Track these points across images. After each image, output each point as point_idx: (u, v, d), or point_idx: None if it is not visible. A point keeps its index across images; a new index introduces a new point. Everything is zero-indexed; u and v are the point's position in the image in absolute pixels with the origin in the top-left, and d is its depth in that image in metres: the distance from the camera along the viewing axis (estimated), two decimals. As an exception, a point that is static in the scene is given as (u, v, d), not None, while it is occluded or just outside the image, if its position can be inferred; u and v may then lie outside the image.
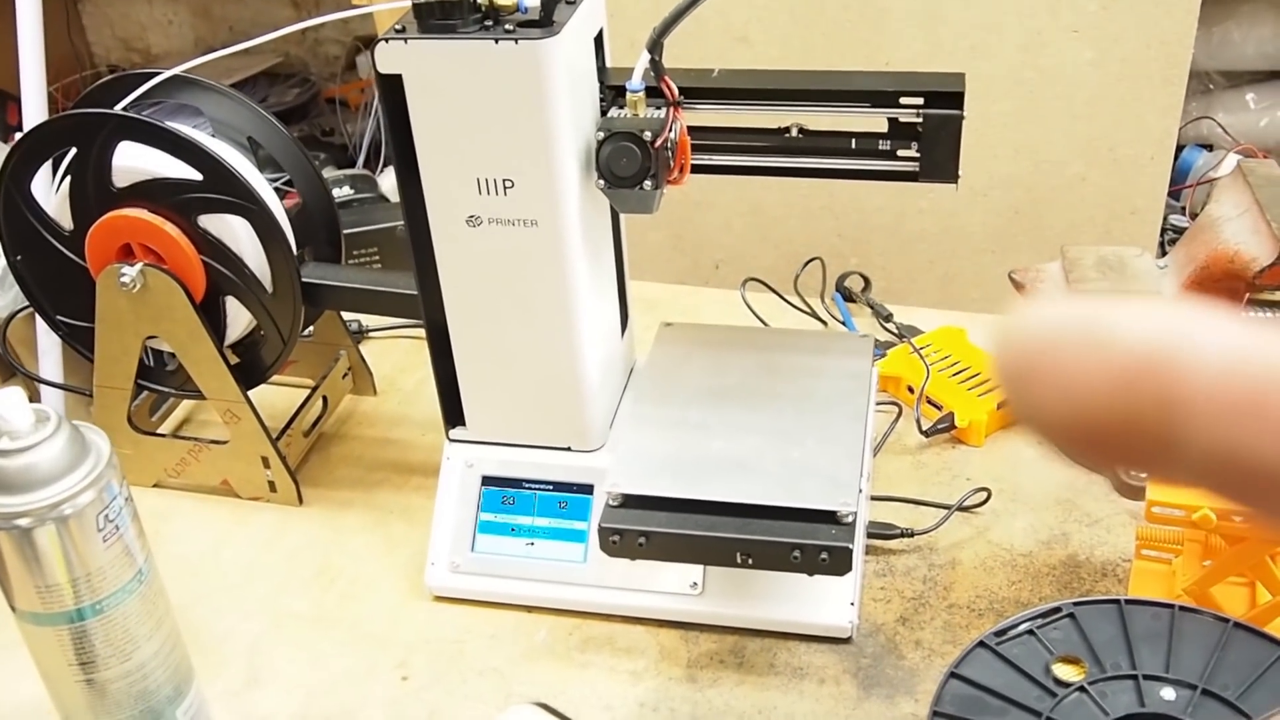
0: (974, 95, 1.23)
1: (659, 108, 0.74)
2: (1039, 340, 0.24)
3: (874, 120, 0.76)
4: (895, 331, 1.07)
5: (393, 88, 0.72)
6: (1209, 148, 1.87)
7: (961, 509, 0.87)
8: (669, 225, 1.51)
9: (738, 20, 1.38)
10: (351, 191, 1.56)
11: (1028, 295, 0.90)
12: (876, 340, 1.04)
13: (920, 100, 0.75)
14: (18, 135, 1.62)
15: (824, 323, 1.10)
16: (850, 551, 0.70)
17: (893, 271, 1.44)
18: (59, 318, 0.92)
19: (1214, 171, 1.76)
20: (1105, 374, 0.23)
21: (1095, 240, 0.92)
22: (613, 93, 0.77)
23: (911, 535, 0.84)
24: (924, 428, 0.94)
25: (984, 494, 0.87)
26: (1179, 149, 1.77)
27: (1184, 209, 1.78)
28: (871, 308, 1.11)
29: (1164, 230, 1.54)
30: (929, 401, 0.96)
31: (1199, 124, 1.86)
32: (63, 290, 0.90)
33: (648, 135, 0.72)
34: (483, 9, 0.70)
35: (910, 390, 0.97)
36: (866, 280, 1.13)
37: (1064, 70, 1.28)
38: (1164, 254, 0.90)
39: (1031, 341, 0.24)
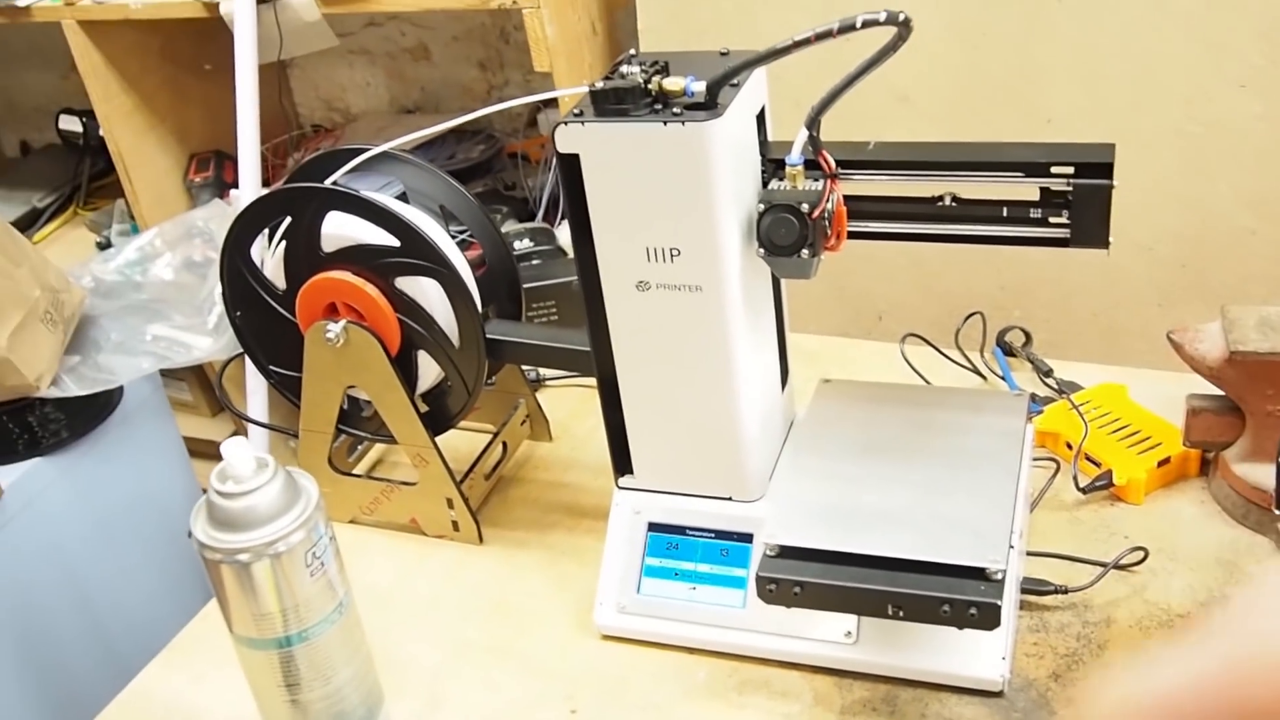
0: (1137, 148, 1.24)
1: (817, 179, 0.78)
2: None
3: (1026, 189, 0.79)
4: (1055, 387, 1.08)
5: (571, 165, 0.78)
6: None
7: (1118, 567, 0.88)
8: (832, 278, 1.55)
9: (899, 81, 1.41)
10: (531, 244, 1.63)
11: (1187, 355, 0.90)
12: (1035, 396, 1.06)
13: (1070, 170, 0.77)
14: (233, 192, 1.77)
15: (983, 377, 1.12)
16: (998, 608, 0.73)
17: (1055, 324, 1.45)
18: (271, 367, 1.01)
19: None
20: None
21: (1265, 296, 0.92)
22: (774, 165, 0.82)
23: (1066, 592, 0.86)
24: (1081, 484, 0.95)
25: (1141, 553, 0.88)
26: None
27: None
28: (1032, 362, 1.12)
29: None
30: (1087, 458, 0.97)
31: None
32: (275, 343, 0.99)
33: (805, 207, 0.77)
34: (653, 94, 0.75)
35: (1069, 446, 0.99)
36: (1028, 335, 1.15)
37: (1230, 123, 1.27)
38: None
39: None
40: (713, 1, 1.47)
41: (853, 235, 0.82)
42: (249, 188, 1.62)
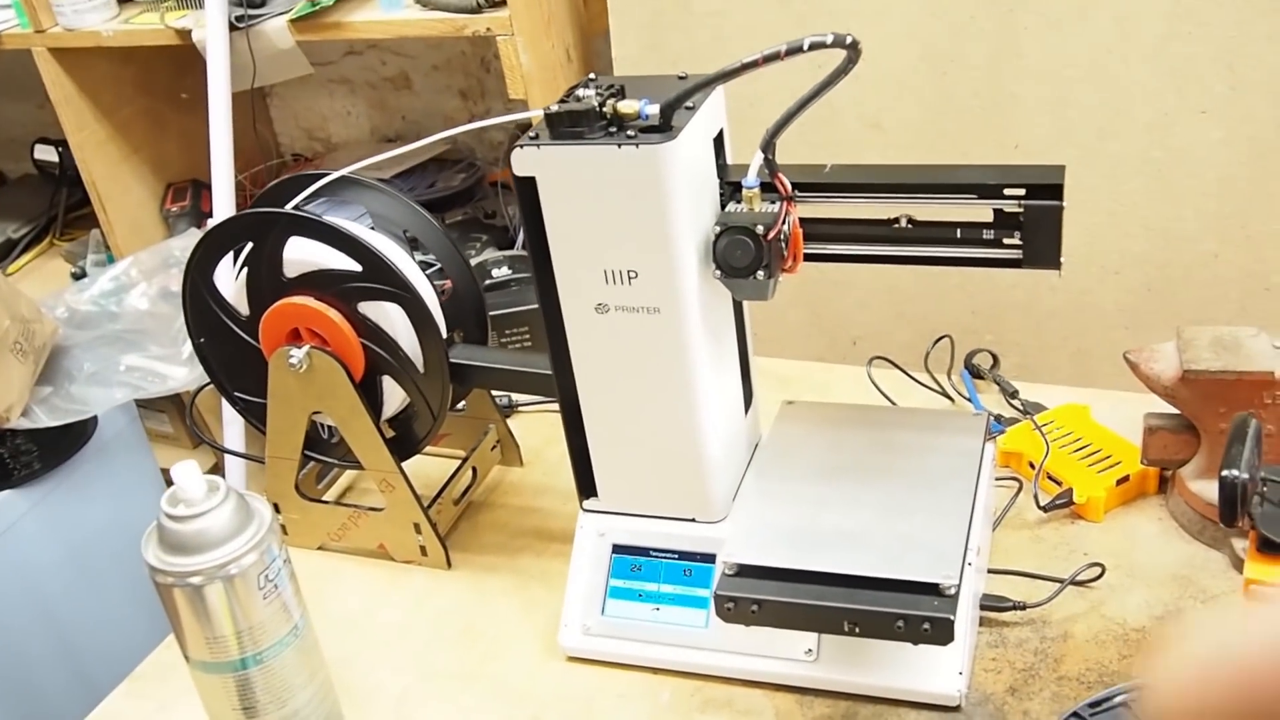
0: (1103, 175, 1.25)
1: (774, 202, 0.79)
2: None
3: (980, 211, 0.80)
4: (1019, 408, 1.09)
5: (528, 188, 0.79)
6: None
7: (1075, 583, 0.88)
8: (807, 304, 1.56)
9: (870, 109, 1.43)
10: (510, 272, 1.64)
11: (1143, 375, 0.91)
12: (1000, 417, 1.07)
13: (1022, 191, 0.78)
14: (210, 222, 1.77)
15: (951, 399, 1.13)
16: (951, 623, 0.73)
17: (1026, 348, 1.46)
18: (236, 394, 1.01)
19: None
20: None
21: (1228, 318, 0.93)
22: (732, 188, 0.83)
23: (1024, 608, 0.86)
24: (1042, 503, 0.96)
25: (1099, 568, 0.89)
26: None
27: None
28: (998, 384, 1.13)
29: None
30: (1049, 477, 0.98)
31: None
32: (240, 369, 0.99)
33: (760, 229, 0.77)
34: (608, 116, 0.76)
35: (1031, 466, 0.99)
36: (995, 357, 1.16)
37: (1193, 149, 1.29)
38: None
39: None
40: (687, 30, 1.49)
41: (810, 257, 0.82)
42: (223, 214, 1.63)
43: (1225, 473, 0.69)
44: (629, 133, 0.76)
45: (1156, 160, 1.31)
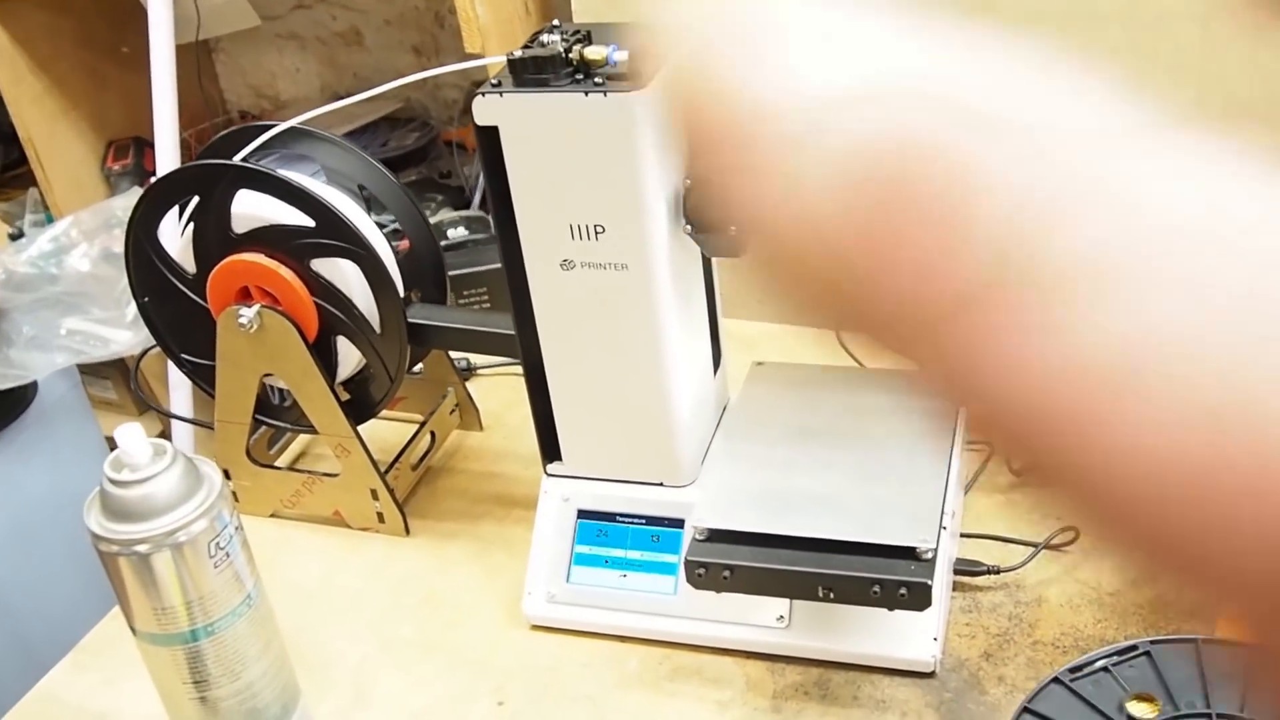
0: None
1: (745, 154, 0.76)
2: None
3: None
4: (990, 369, 1.07)
5: (490, 139, 0.75)
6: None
7: (1049, 547, 0.87)
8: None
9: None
10: (466, 233, 1.61)
11: None
12: (970, 378, 1.05)
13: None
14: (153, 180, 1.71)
15: (919, 360, 1.11)
16: (929, 587, 0.71)
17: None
18: (183, 356, 0.97)
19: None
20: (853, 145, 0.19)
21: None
22: (701, 140, 0.80)
23: (998, 572, 0.85)
24: (1015, 466, 0.94)
25: (1072, 532, 0.87)
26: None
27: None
28: (968, 345, 1.11)
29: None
30: (1022, 439, 0.96)
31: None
32: (187, 330, 0.95)
33: (732, 181, 0.74)
34: (574, 63, 0.73)
35: (1003, 428, 0.98)
36: (964, 318, 1.14)
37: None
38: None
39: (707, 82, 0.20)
40: (648, -16, 1.45)
41: (782, 212, 0.80)
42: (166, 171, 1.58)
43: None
44: (596, 80, 0.73)
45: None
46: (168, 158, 1.54)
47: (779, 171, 0.21)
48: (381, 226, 0.95)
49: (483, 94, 0.74)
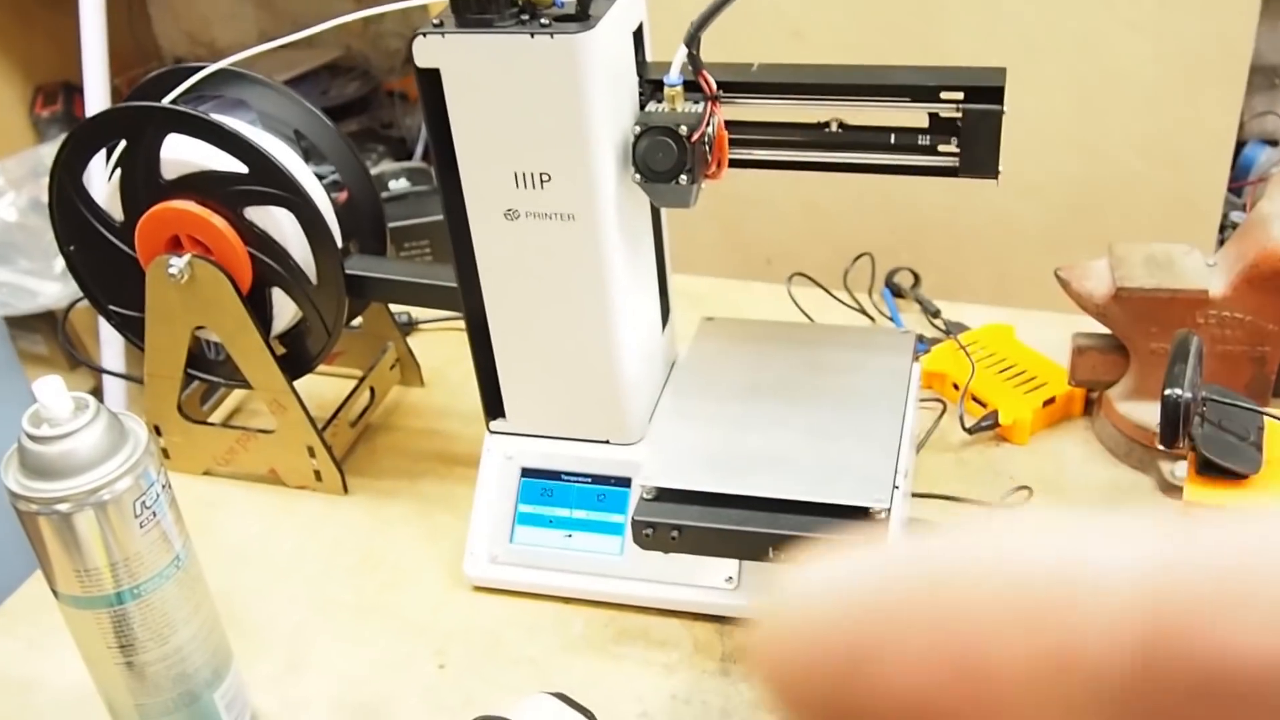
0: (1029, 91, 1.21)
1: (697, 102, 0.74)
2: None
3: (915, 115, 0.75)
4: (942, 328, 1.06)
5: (431, 82, 0.72)
6: (1273, 143, 1.83)
7: (1003, 507, 0.86)
8: (721, 220, 1.51)
9: (791, 14, 1.37)
10: (408, 184, 1.57)
11: (1074, 292, 0.88)
12: (922, 336, 1.03)
13: (960, 95, 0.74)
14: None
15: (871, 319, 1.09)
16: (882, 549, 0.70)
17: (947, 269, 1.43)
18: (111, 308, 0.93)
19: (1277, 168, 1.71)
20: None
21: (1152, 237, 0.91)
22: (652, 87, 0.77)
23: (951, 533, 0.84)
24: (967, 425, 0.93)
25: (1025, 492, 0.86)
26: (1242, 145, 1.73)
27: (1245, 205, 1.74)
28: (920, 303, 1.10)
29: (1223, 227, 1.51)
30: (973, 399, 0.95)
31: (1264, 119, 1.82)
32: (115, 281, 0.91)
33: (684, 130, 0.72)
34: (519, 3, 0.70)
35: (955, 387, 0.96)
36: (916, 276, 1.12)
37: (1121, 67, 1.26)
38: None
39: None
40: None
41: (734, 164, 0.77)
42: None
43: (1168, 391, 0.66)
44: (543, 21, 0.69)
45: (1084, 77, 1.28)
46: (97, 102, 1.48)
47: None
48: (320, 177, 0.91)
49: (423, 35, 0.71)
